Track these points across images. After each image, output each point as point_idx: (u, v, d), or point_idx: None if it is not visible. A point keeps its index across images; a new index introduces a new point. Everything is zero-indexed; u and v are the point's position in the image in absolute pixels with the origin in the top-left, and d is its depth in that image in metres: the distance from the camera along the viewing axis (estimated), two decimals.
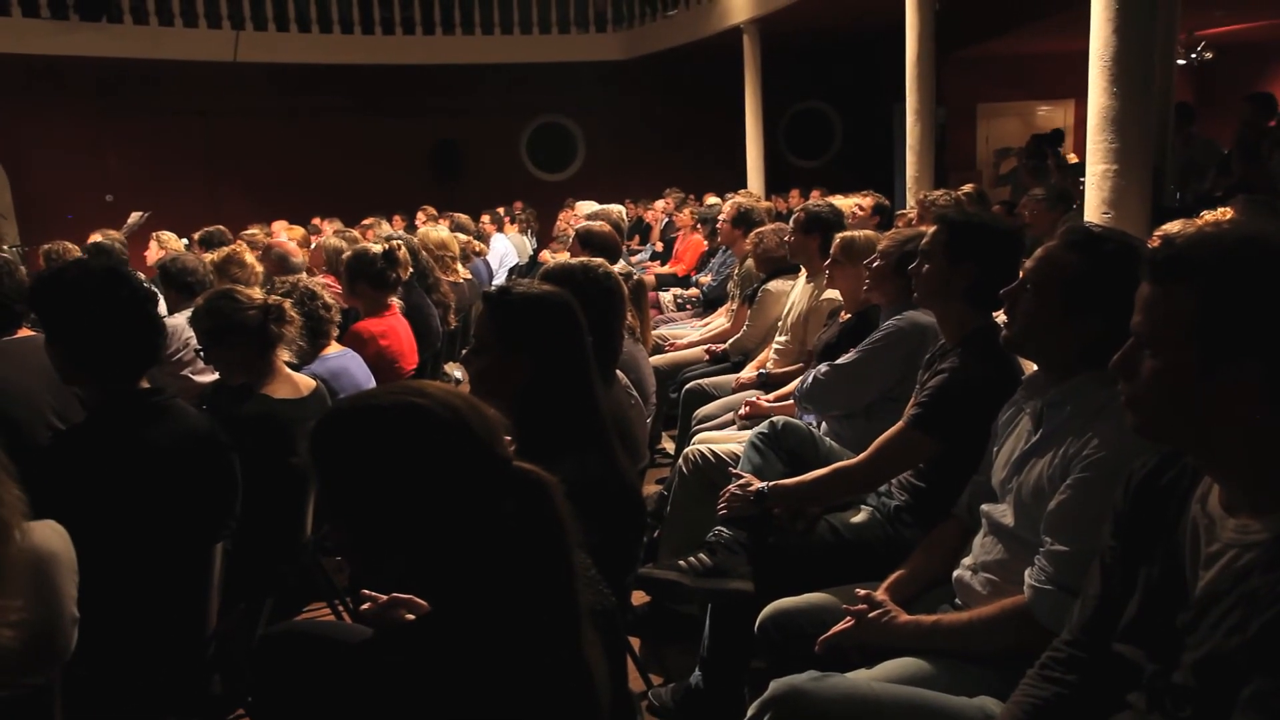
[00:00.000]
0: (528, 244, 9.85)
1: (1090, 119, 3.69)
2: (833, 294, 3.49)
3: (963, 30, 9.51)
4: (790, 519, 2.17)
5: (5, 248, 7.26)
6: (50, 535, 1.46)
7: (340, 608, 2.62)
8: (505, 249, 8.44)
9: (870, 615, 1.69)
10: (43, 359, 2.00)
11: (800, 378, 3.02)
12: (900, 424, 2.12)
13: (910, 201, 6.51)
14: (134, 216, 8.47)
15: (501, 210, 9.79)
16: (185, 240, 5.92)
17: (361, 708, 1.11)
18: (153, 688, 1.88)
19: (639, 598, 2.83)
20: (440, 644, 1.05)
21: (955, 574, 1.76)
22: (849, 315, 3.12)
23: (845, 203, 5.40)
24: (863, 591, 1.76)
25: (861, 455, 2.19)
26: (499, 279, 7.44)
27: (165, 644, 1.91)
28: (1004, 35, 10.02)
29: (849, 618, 1.71)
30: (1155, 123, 3.68)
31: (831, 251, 3.13)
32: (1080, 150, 7.46)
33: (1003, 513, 1.68)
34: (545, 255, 8.38)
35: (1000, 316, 1.84)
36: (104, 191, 11.28)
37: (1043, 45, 10.48)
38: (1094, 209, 3.69)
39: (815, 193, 8.70)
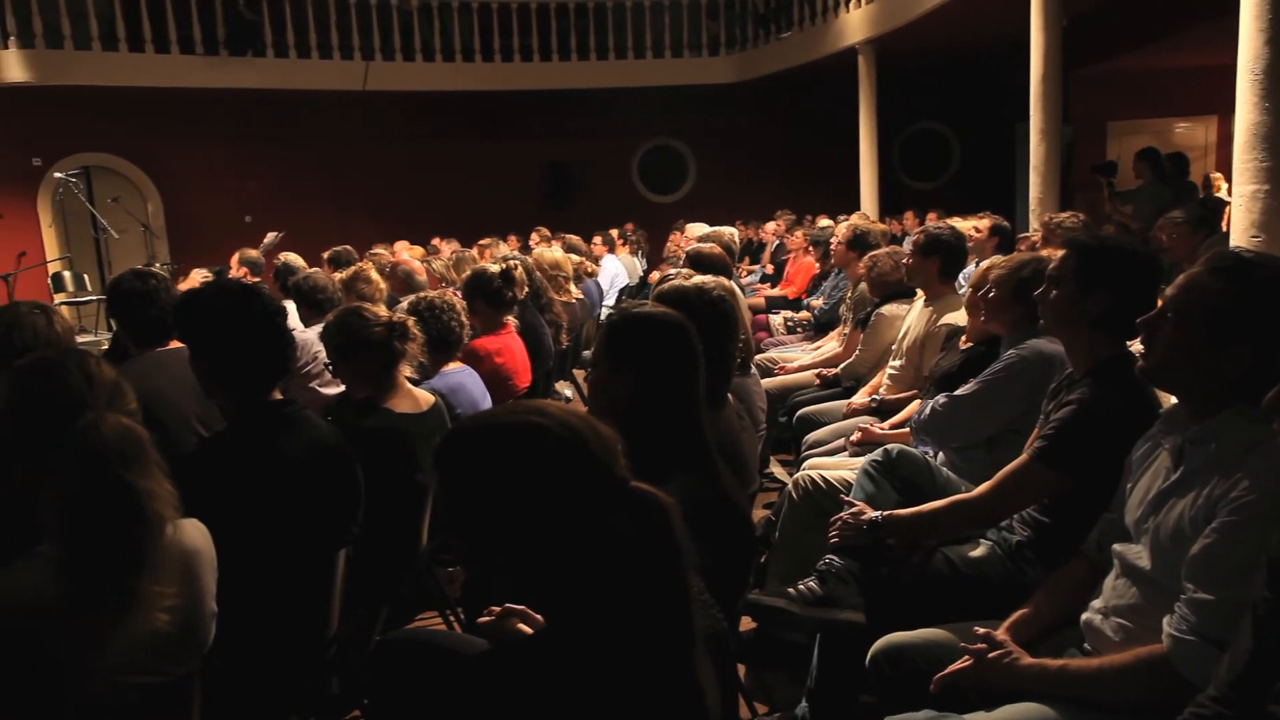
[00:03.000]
0: (638, 265, 9.94)
1: (1238, 136, 3.47)
2: (951, 318, 3.38)
3: (1092, 45, 9.10)
4: (905, 550, 2.11)
5: (158, 265, 7.85)
6: (194, 533, 1.56)
7: (451, 618, 2.69)
8: (616, 270, 8.54)
9: (991, 655, 1.62)
10: (189, 370, 2.13)
11: (917, 407, 2.94)
12: (1024, 456, 2.03)
13: (1034, 224, 6.25)
14: (270, 236, 9.04)
15: (614, 232, 9.92)
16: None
17: (474, 718, 1.14)
18: (277, 684, 1.97)
19: (744, 624, 2.79)
20: (556, 660, 1.07)
21: (1084, 617, 1.67)
22: (971, 343, 3.01)
23: (963, 225, 5.22)
24: (982, 630, 1.69)
25: (981, 488, 2.10)
26: (609, 300, 7.54)
27: (290, 643, 1.99)
28: (1138, 50, 9.54)
29: (967, 656, 1.64)
30: None
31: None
32: (1226, 170, 7.00)
33: (1138, 554, 1.58)
34: (655, 276, 8.43)
35: (1135, 345, 1.75)
36: (244, 213, 12.05)
37: (1182, 59, 9.91)
38: (1241, 232, 3.45)
39: (931, 215, 8.46)
